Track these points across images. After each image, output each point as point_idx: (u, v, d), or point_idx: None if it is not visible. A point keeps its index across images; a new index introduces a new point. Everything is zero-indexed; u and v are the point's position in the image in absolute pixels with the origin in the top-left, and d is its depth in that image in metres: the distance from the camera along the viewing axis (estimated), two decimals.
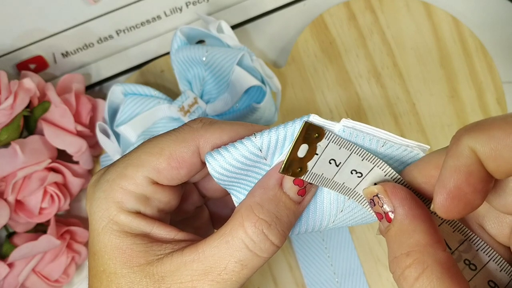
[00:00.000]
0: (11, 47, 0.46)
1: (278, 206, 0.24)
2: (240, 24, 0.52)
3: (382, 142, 0.24)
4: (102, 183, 0.25)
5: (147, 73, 0.49)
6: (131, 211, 0.25)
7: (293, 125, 0.24)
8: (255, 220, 0.23)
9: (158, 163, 0.25)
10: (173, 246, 0.24)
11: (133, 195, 0.25)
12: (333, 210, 0.26)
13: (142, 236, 0.25)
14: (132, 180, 0.25)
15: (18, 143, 0.41)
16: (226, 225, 0.24)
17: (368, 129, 0.24)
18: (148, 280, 0.24)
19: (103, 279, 0.25)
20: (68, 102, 0.44)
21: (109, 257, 0.24)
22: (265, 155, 0.25)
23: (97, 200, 0.25)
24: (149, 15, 0.48)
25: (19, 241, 0.43)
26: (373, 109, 0.48)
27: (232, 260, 0.23)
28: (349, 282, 0.46)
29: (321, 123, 0.24)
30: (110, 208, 0.25)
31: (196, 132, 0.25)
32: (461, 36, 0.49)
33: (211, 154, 0.25)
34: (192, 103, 0.44)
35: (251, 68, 0.43)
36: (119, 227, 0.25)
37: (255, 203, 0.24)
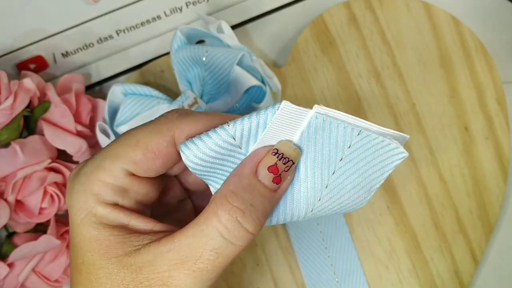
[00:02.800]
0: (11, 47, 0.46)
1: (253, 194, 0.24)
2: (240, 24, 0.52)
3: (357, 130, 0.24)
4: (80, 176, 0.26)
5: (147, 73, 0.49)
6: (108, 202, 0.25)
7: (265, 112, 0.24)
8: (229, 208, 0.23)
9: (134, 154, 0.25)
10: (151, 237, 0.24)
11: (111, 187, 0.25)
12: (310, 199, 0.26)
13: (120, 228, 0.25)
14: (109, 172, 0.25)
15: (18, 143, 0.41)
16: (201, 214, 0.24)
17: (343, 116, 0.24)
18: (125, 270, 0.24)
19: (82, 271, 0.25)
20: (68, 102, 0.44)
21: (88, 249, 0.25)
22: (239, 144, 0.25)
23: (75, 193, 0.25)
24: (149, 15, 0.48)
25: (19, 241, 0.43)
26: (373, 109, 0.48)
27: (207, 249, 0.23)
28: (349, 282, 0.46)
29: (294, 109, 0.24)
30: (88, 200, 0.25)
31: (171, 122, 0.26)
32: (461, 36, 0.49)
33: (185, 143, 0.25)
34: (192, 103, 0.44)
35: (251, 68, 0.43)
36: (97, 219, 0.25)
37: (229, 191, 0.24)
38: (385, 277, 0.46)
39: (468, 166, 0.47)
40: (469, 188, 0.47)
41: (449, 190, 0.47)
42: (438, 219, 0.47)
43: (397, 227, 0.47)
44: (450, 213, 0.47)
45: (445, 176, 0.47)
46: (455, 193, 0.47)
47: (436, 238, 0.47)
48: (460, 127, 0.48)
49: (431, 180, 0.47)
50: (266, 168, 0.24)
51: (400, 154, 0.26)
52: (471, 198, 0.47)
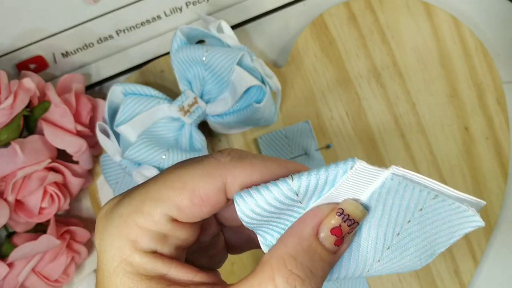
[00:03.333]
0: (11, 47, 0.46)
1: (313, 259, 0.22)
2: (240, 24, 0.52)
3: (433, 194, 0.23)
4: (115, 217, 0.23)
5: (147, 73, 0.49)
6: (146, 250, 0.23)
7: (335, 169, 0.22)
8: (288, 275, 0.21)
9: (180, 199, 0.23)
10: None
11: (150, 233, 0.23)
12: (369, 260, 0.24)
13: (158, 279, 0.22)
14: (149, 216, 0.22)
15: (18, 143, 0.41)
16: (254, 276, 0.22)
17: (420, 179, 0.22)
18: None
19: None
20: (68, 102, 0.44)
21: None
22: (301, 199, 0.23)
23: (109, 237, 0.23)
24: (149, 15, 0.48)
25: (19, 241, 0.43)
26: (373, 109, 0.48)
27: None
28: (349, 282, 0.46)
29: (368, 169, 0.22)
30: (124, 246, 0.22)
31: (223, 166, 0.23)
32: (461, 36, 0.49)
33: (241, 195, 0.22)
34: (192, 103, 0.44)
35: (251, 68, 0.43)
36: (133, 269, 0.22)
37: (288, 254, 0.22)
38: (385, 277, 0.46)
39: (468, 166, 0.47)
40: (469, 188, 0.47)
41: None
42: None
43: None
44: None
45: (445, 176, 0.47)
46: None
47: None
48: (460, 127, 0.48)
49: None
50: (329, 230, 0.22)
51: (475, 222, 0.23)
52: None
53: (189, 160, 0.24)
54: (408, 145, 0.48)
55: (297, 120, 0.48)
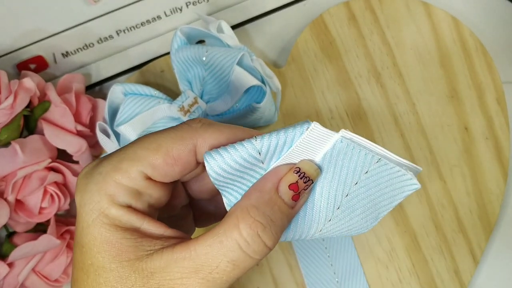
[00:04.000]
0: (11, 47, 0.46)
1: (273, 209, 0.24)
2: (240, 24, 0.52)
3: (377, 158, 0.25)
4: (94, 175, 0.25)
5: (147, 73, 0.49)
6: (122, 204, 0.25)
7: (293, 130, 0.25)
8: (251, 221, 0.24)
9: (154, 159, 0.25)
10: (162, 242, 0.25)
11: (126, 189, 0.25)
12: (321, 219, 0.26)
13: (132, 231, 0.25)
14: (126, 173, 0.25)
15: (18, 143, 0.41)
16: (220, 225, 0.24)
17: (366, 143, 0.25)
18: (137, 275, 0.24)
19: (90, 273, 0.24)
20: (68, 102, 0.44)
21: (98, 251, 0.24)
22: (263, 159, 0.25)
23: (88, 192, 0.25)
24: (149, 15, 0.48)
25: (19, 240, 0.43)
26: (373, 109, 0.48)
27: (224, 260, 0.23)
28: (349, 282, 0.46)
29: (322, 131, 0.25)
30: (102, 200, 0.25)
31: (194, 131, 0.26)
32: (461, 36, 0.49)
33: (210, 153, 0.25)
34: (192, 103, 0.44)
35: (251, 68, 0.43)
36: (109, 221, 0.25)
37: (251, 205, 0.24)
38: (385, 277, 0.46)
39: (468, 166, 0.47)
40: (469, 188, 0.47)
41: (449, 190, 0.47)
42: (438, 219, 0.47)
43: (397, 227, 0.47)
44: (450, 213, 0.47)
45: (445, 176, 0.47)
46: (455, 193, 0.47)
47: (436, 238, 0.47)
48: (460, 127, 0.48)
49: (431, 180, 0.47)
50: (287, 185, 0.25)
51: (413, 186, 0.27)
52: (471, 198, 0.47)
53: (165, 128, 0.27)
54: (408, 145, 0.48)
55: (297, 120, 0.48)
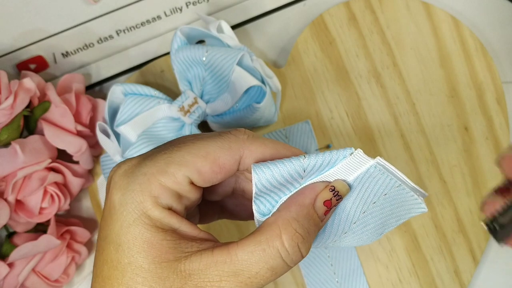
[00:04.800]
0: (11, 47, 0.46)
1: (310, 223, 0.26)
2: (240, 24, 0.52)
3: (398, 183, 0.28)
4: (138, 176, 0.26)
5: (147, 73, 0.49)
6: (164, 206, 0.26)
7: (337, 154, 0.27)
8: (292, 233, 0.25)
9: (202, 166, 0.26)
10: (198, 244, 0.26)
11: (170, 191, 0.26)
12: (339, 231, 0.29)
13: (171, 232, 0.25)
14: (172, 177, 0.26)
15: (18, 143, 0.41)
16: (260, 233, 0.25)
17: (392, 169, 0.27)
18: (175, 276, 0.24)
19: (126, 271, 0.25)
20: (68, 102, 0.44)
21: (138, 251, 0.25)
22: (304, 175, 0.27)
23: (131, 192, 0.25)
24: (149, 15, 0.48)
25: (19, 241, 0.43)
26: (373, 109, 0.48)
27: (265, 267, 0.25)
28: (349, 282, 0.46)
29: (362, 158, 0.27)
30: (146, 201, 0.25)
31: (242, 142, 0.27)
32: (461, 36, 0.49)
33: (260, 166, 0.27)
34: (192, 103, 0.44)
35: (251, 68, 0.43)
36: (151, 221, 0.25)
37: (292, 218, 0.26)
38: (385, 277, 0.46)
39: (468, 166, 0.47)
40: (469, 188, 0.47)
41: (449, 190, 0.47)
42: (438, 219, 0.47)
43: (397, 227, 0.47)
44: (450, 213, 0.47)
45: (445, 176, 0.47)
46: (455, 193, 0.47)
47: (436, 238, 0.47)
48: (460, 127, 0.48)
49: (431, 180, 0.47)
50: (323, 201, 0.27)
51: (420, 209, 0.29)
52: (471, 198, 0.47)
53: (207, 134, 0.28)
54: (408, 145, 0.48)
55: (297, 120, 0.48)
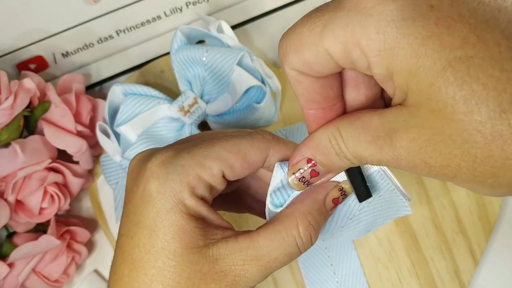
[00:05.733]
0: (11, 47, 0.46)
1: (320, 216, 0.29)
2: (240, 24, 0.52)
3: (392, 187, 0.30)
4: (176, 167, 0.28)
5: (147, 73, 0.49)
6: (199, 196, 0.28)
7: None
8: (307, 225, 0.28)
9: (234, 161, 0.29)
10: (222, 232, 0.28)
11: (205, 183, 0.28)
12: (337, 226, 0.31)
13: (201, 220, 0.28)
14: (209, 170, 0.28)
15: (18, 143, 0.41)
16: (279, 223, 0.28)
17: (390, 176, 0.30)
18: (204, 261, 0.27)
19: (160, 256, 0.27)
20: (68, 102, 0.44)
21: (173, 237, 0.27)
22: None
23: (170, 181, 0.27)
24: (149, 15, 0.48)
25: (19, 241, 0.43)
26: None
27: (283, 253, 0.28)
28: (349, 282, 0.46)
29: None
30: (184, 191, 0.27)
31: (269, 142, 0.30)
32: None
33: (285, 164, 0.29)
34: (192, 103, 0.44)
35: (251, 68, 0.43)
36: (186, 210, 0.27)
37: (307, 211, 0.29)
38: (385, 277, 0.46)
39: None
40: None
41: (449, 190, 0.47)
42: (438, 219, 0.47)
43: (397, 227, 0.47)
44: (450, 213, 0.47)
45: None
46: (455, 193, 0.47)
47: (436, 238, 0.47)
48: None
49: (431, 180, 0.47)
50: (332, 199, 0.29)
51: (406, 211, 0.32)
52: (471, 198, 0.47)
53: (237, 131, 0.30)
54: None
55: (297, 120, 0.48)
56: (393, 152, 0.23)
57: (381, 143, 0.24)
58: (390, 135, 0.23)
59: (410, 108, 0.22)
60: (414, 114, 0.22)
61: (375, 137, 0.24)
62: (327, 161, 0.27)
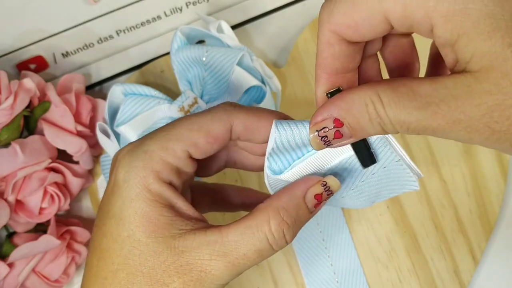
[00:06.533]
0: (11, 47, 0.46)
1: (298, 213, 0.28)
2: (240, 24, 0.52)
3: (397, 158, 0.28)
4: (139, 153, 0.27)
5: (147, 73, 0.49)
6: (165, 181, 0.27)
7: None
8: (280, 220, 0.27)
9: (197, 138, 0.28)
10: (192, 224, 0.27)
11: (170, 166, 0.27)
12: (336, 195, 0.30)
13: (168, 208, 0.27)
14: (172, 152, 0.27)
15: (18, 143, 0.41)
16: (251, 218, 0.27)
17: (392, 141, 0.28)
18: (169, 251, 0.26)
19: (125, 244, 0.26)
20: (68, 102, 0.44)
21: (137, 225, 0.26)
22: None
23: (134, 168, 0.27)
24: (149, 15, 0.48)
25: (19, 241, 0.43)
26: None
27: (252, 249, 0.26)
28: (349, 282, 0.46)
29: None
30: (148, 176, 0.27)
31: (230, 113, 0.29)
32: None
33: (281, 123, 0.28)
34: (192, 103, 0.44)
35: (251, 68, 0.43)
36: (152, 196, 0.27)
37: (281, 207, 0.27)
38: (385, 277, 0.46)
39: (468, 166, 0.47)
40: (469, 188, 0.47)
41: (449, 190, 0.47)
42: (438, 219, 0.47)
43: (397, 227, 0.47)
44: (450, 213, 0.47)
45: (445, 176, 0.47)
46: (455, 193, 0.47)
47: (436, 238, 0.47)
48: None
49: (431, 180, 0.47)
50: (314, 195, 0.28)
51: (413, 186, 0.29)
52: (471, 198, 0.47)
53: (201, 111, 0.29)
54: (408, 145, 0.48)
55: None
56: (450, 118, 0.22)
57: (435, 109, 0.22)
58: (448, 101, 0.22)
59: (475, 74, 0.21)
60: (482, 79, 0.21)
61: (426, 103, 0.22)
62: (356, 125, 0.25)
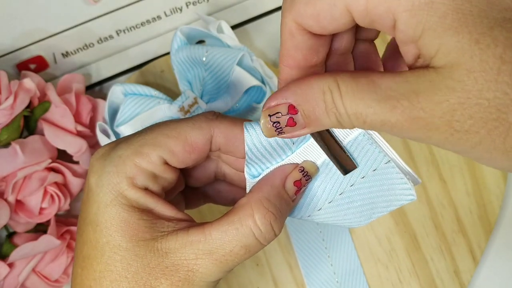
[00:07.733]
0: (11, 47, 0.46)
1: (281, 202, 0.27)
2: (240, 24, 0.52)
3: (387, 159, 0.26)
4: (113, 158, 0.27)
5: (147, 73, 0.49)
6: (140, 187, 0.27)
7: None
8: (265, 212, 0.26)
9: (174, 145, 0.27)
10: (174, 224, 0.26)
11: (145, 172, 0.27)
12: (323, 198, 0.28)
13: (147, 212, 0.26)
14: (147, 158, 0.27)
15: (18, 143, 0.41)
16: (234, 214, 0.26)
17: (381, 142, 0.26)
18: (152, 254, 0.25)
19: (105, 251, 0.26)
20: (68, 102, 0.44)
21: (116, 230, 0.26)
22: (295, 141, 0.27)
23: (107, 174, 0.26)
24: (149, 15, 0.48)
25: (19, 241, 0.43)
26: None
27: (238, 245, 0.26)
28: (349, 282, 0.46)
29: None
30: (121, 182, 0.26)
31: (211, 122, 0.28)
32: None
33: (251, 124, 0.27)
34: (192, 103, 0.44)
35: (251, 68, 0.43)
36: (127, 202, 0.26)
37: (264, 197, 0.26)
38: (385, 277, 0.46)
39: (468, 166, 0.47)
40: (469, 188, 0.47)
41: (449, 190, 0.47)
42: (438, 219, 0.47)
43: (397, 227, 0.47)
44: (450, 213, 0.47)
45: (445, 176, 0.47)
46: (455, 193, 0.47)
47: (436, 238, 0.47)
48: None
49: (431, 180, 0.47)
50: (293, 182, 0.27)
51: (410, 196, 0.27)
52: (471, 198, 0.47)
53: (182, 118, 0.28)
54: (408, 145, 0.48)
55: None
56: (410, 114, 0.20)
57: (394, 103, 0.21)
58: (408, 96, 0.21)
59: (439, 69, 0.20)
60: (445, 76, 0.20)
61: (386, 96, 0.21)
62: (311, 113, 0.23)
